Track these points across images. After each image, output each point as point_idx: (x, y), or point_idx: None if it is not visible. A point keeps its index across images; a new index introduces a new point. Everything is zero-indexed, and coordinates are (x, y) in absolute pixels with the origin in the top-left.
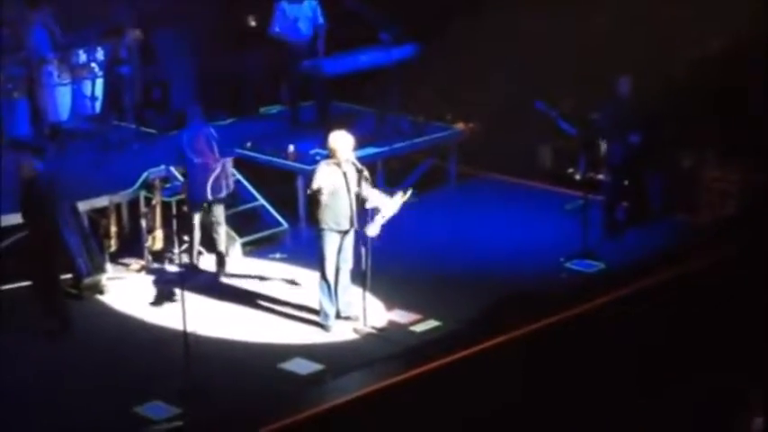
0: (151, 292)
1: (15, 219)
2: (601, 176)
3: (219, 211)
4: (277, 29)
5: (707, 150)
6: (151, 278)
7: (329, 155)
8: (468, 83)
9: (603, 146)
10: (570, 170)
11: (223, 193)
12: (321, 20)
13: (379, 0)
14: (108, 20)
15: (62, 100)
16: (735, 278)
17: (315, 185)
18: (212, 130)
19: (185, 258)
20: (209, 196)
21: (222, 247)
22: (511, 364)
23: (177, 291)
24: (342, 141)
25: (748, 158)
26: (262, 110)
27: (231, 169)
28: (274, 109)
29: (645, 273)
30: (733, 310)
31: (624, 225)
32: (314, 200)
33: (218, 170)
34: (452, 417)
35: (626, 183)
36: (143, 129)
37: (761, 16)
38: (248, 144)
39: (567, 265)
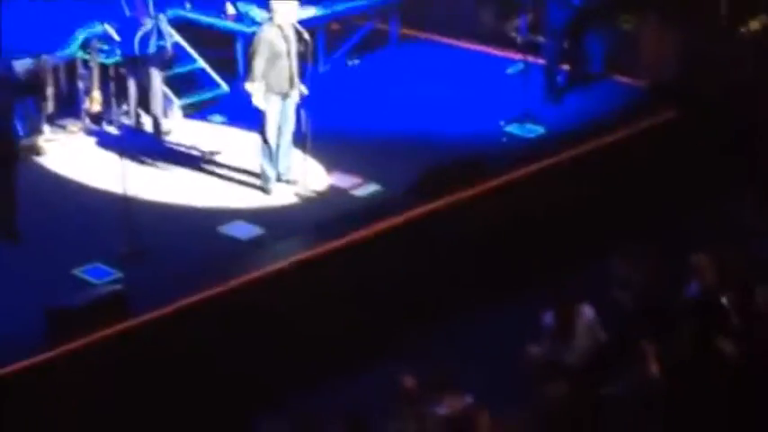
0: (90, 154)
1: None
2: (541, 39)
3: (151, 71)
4: None
5: (648, 13)
6: (90, 140)
7: (270, 16)
8: None
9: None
10: (511, 33)
11: (150, 50)
12: None
13: None
14: None
15: None
16: (672, 142)
17: (255, 47)
18: None
19: (124, 120)
20: (137, 51)
21: (158, 109)
22: (450, 229)
23: (116, 153)
24: (284, 3)
25: (688, 21)
26: None
27: (166, 29)
28: None
29: (584, 137)
30: (669, 175)
31: (564, 89)
32: (254, 62)
33: (148, 26)
34: (390, 281)
35: (566, 45)
36: None
37: None
38: (187, 5)
39: (508, 129)
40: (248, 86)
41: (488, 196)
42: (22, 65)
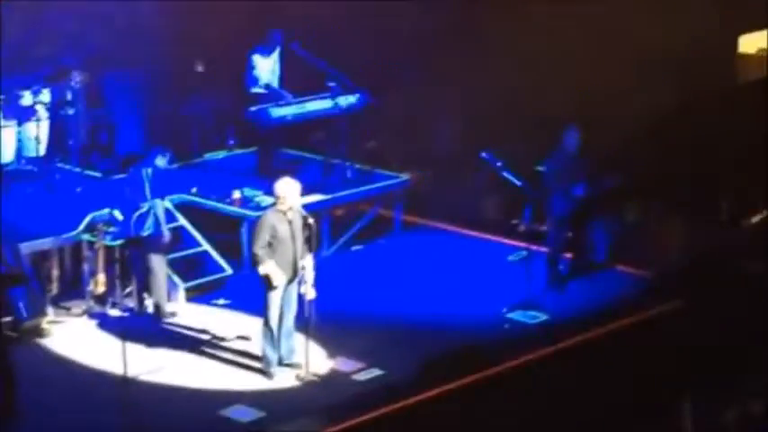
0: (93, 336)
1: None
2: (544, 228)
3: (153, 253)
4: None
5: (653, 202)
6: (93, 322)
7: (275, 202)
8: (415, 131)
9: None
10: (514, 221)
11: (151, 233)
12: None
13: (327, 51)
14: (55, 62)
15: (7, 141)
16: (678, 332)
17: (259, 233)
18: (149, 170)
19: (128, 302)
20: (138, 234)
21: (161, 291)
22: (452, 415)
23: (119, 335)
24: (288, 189)
25: (694, 212)
26: (207, 155)
27: (164, 213)
28: (220, 154)
29: (587, 325)
30: (678, 363)
31: (567, 277)
32: (258, 247)
33: (144, 209)
34: None
35: (569, 235)
36: (87, 172)
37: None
38: (193, 189)
39: (510, 316)
40: (260, 269)
41: (490, 382)
42: (28, 247)
